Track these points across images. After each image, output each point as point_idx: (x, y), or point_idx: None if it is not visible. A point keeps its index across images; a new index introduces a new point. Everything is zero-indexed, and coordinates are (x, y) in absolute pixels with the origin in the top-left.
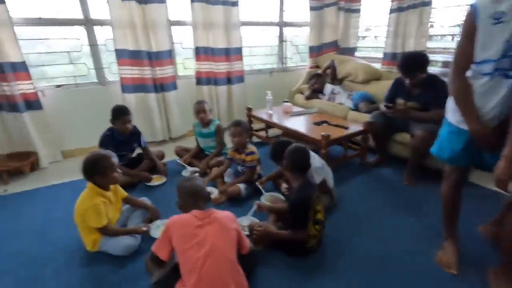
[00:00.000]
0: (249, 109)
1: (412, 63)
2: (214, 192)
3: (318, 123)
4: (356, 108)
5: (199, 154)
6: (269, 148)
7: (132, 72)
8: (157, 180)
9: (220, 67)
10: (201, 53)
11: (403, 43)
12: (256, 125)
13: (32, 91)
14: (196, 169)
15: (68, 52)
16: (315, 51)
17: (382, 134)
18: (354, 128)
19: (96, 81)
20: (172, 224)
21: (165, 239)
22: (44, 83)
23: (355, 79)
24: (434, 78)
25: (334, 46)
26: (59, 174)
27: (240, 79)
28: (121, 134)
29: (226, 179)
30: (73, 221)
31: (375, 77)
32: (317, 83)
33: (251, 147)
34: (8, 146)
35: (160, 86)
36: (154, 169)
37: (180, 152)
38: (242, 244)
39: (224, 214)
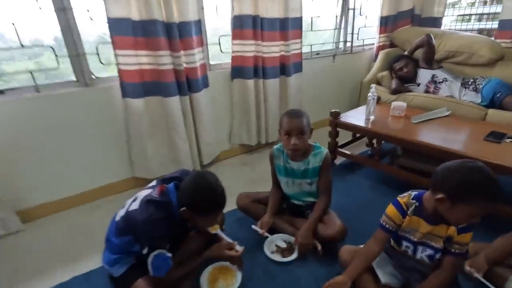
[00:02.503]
0: (336, 115)
1: None
2: None
3: (494, 137)
4: (492, 104)
5: (280, 205)
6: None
7: (139, 60)
8: (224, 281)
9: (272, 48)
10: (243, 26)
11: None
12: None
13: None
14: (290, 239)
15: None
16: (389, 23)
17: None
18: None
19: (74, 79)
20: None
21: None
22: None
23: (468, 60)
24: None
25: (409, 16)
26: (29, 263)
27: (298, 67)
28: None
29: (383, 276)
30: None
31: (501, 56)
32: (406, 67)
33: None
34: None
35: (187, 83)
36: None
37: (248, 206)
38: None
39: None
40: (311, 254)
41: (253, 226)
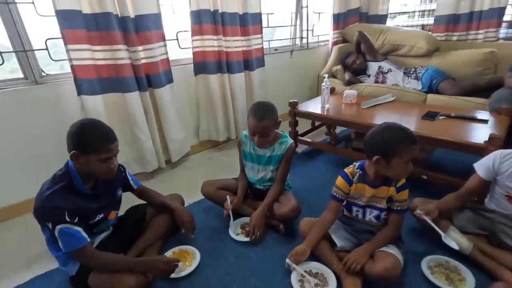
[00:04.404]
0: (294, 104)
1: None
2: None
3: (429, 116)
4: (430, 90)
5: (246, 191)
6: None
7: (93, 55)
8: (184, 260)
9: (235, 44)
10: (203, 21)
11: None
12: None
13: None
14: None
15: None
16: (340, 20)
17: None
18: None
19: (22, 76)
20: None
21: None
22: None
23: (410, 52)
24: None
25: (357, 14)
26: None
27: (261, 61)
28: (92, 183)
29: (338, 241)
30: None
31: (437, 48)
32: (357, 60)
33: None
34: None
35: (147, 79)
36: (170, 231)
37: (214, 193)
38: None
39: None
40: (275, 233)
41: (228, 197)
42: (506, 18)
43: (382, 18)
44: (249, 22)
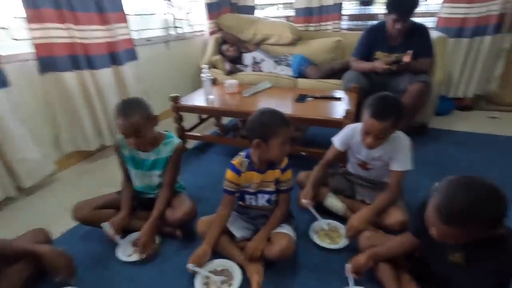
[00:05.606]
0: (176, 99)
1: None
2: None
3: (300, 99)
4: (300, 75)
5: (132, 203)
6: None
7: None
8: None
9: (95, 34)
10: (39, 4)
11: None
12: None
13: None
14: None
15: None
16: (214, 10)
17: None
18: (345, 98)
19: None
20: None
21: None
22: None
23: (279, 41)
24: (416, 23)
25: (229, 4)
26: None
27: (131, 54)
28: None
29: (237, 232)
30: None
31: (299, 37)
32: (231, 47)
33: (285, 158)
34: None
35: None
36: (32, 280)
37: (90, 216)
38: None
39: None
40: (172, 240)
41: (103, 225)
42: (347, 12)
43: (250, 9)
44: (107, 9)
